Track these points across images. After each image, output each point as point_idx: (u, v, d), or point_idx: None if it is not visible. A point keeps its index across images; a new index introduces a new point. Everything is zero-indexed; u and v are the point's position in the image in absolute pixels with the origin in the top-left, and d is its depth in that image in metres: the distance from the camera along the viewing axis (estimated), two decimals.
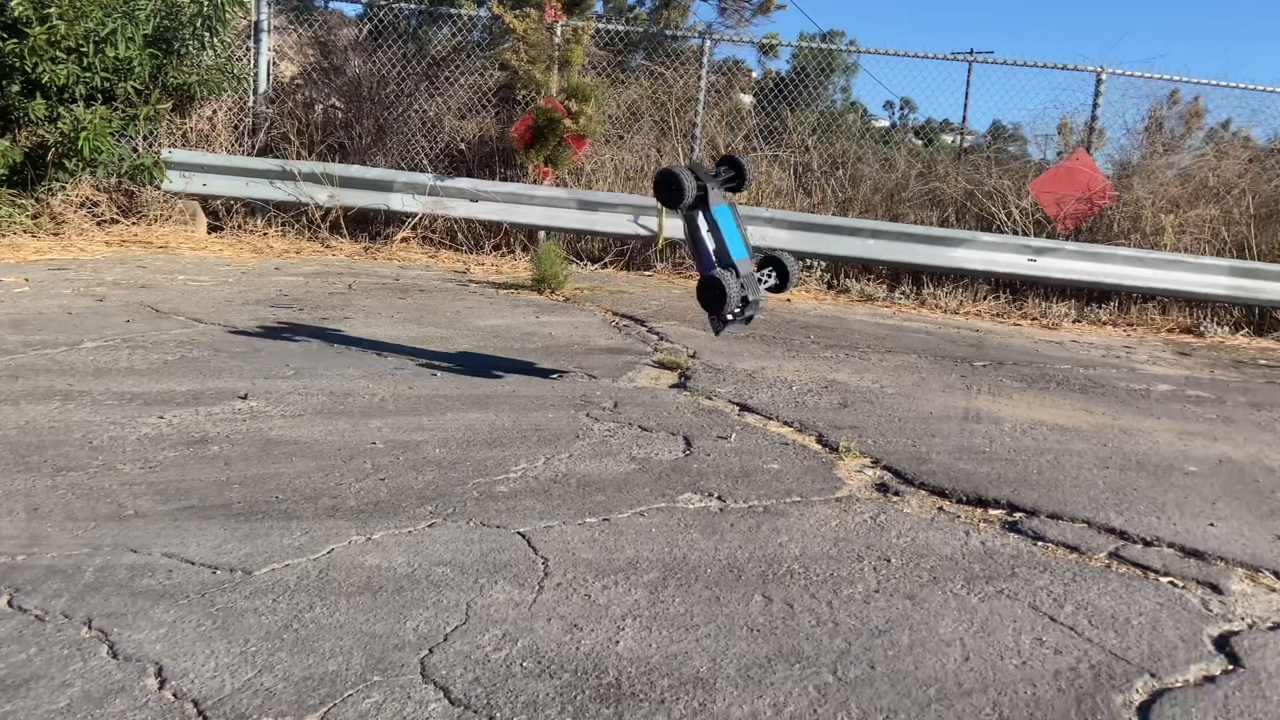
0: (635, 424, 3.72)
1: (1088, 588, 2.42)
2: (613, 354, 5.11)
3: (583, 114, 8.94)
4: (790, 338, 6.26)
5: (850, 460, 3.45)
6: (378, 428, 3.43)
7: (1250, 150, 10.06)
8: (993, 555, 2.61)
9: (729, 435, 3.65)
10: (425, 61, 9.98)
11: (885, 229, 9.47)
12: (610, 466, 3.16)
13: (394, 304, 6.16)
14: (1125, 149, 10.23)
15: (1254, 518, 3.10)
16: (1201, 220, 9.38)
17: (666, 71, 10.47)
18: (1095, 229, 9.59)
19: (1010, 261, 9.15)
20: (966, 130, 14.14)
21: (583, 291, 7.43)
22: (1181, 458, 3.86)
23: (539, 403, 3.95)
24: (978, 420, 4.26)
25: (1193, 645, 2.12)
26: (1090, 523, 2.93)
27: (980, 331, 7.67)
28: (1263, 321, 9.02)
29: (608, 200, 9.27)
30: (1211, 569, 2.61)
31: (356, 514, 2.60)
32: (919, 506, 3.02)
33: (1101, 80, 9.65)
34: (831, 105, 16.99)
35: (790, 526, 2.72)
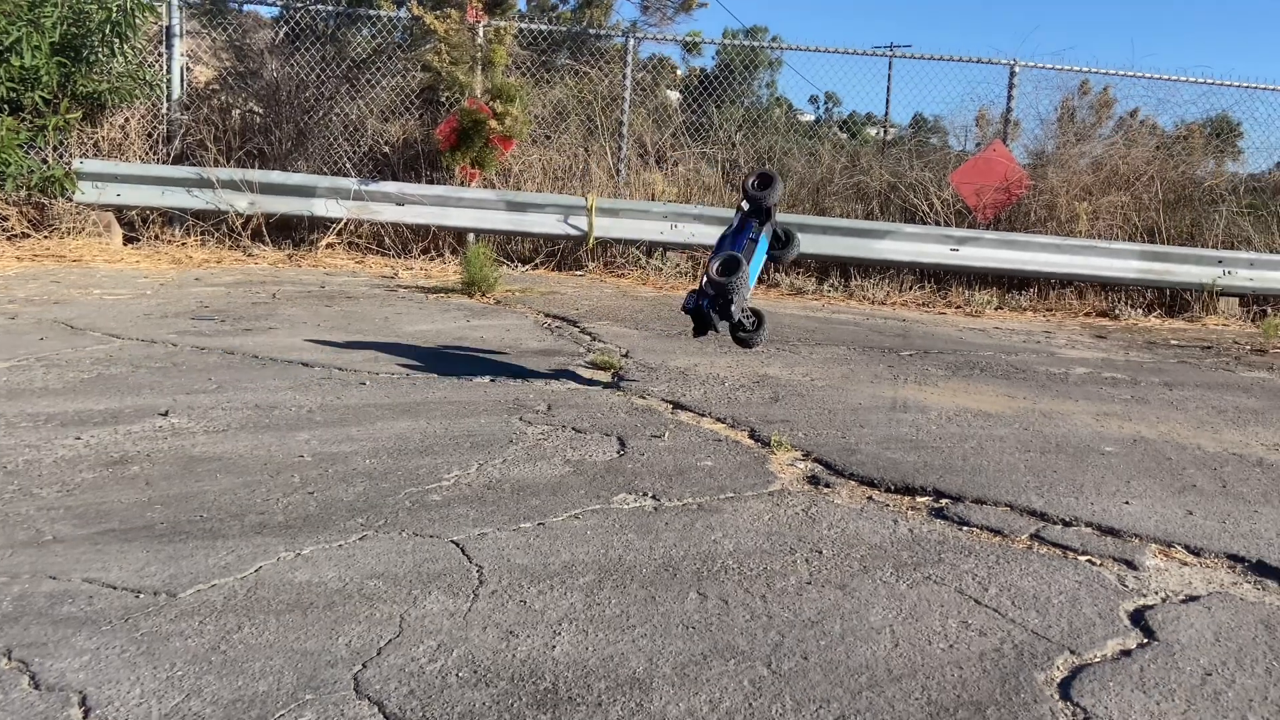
0: (569, 426, 3.72)
1: (1010, 569, 2.49)
2: (545, 355, 5.10)
3: (508, 114, 8.88)
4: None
5: (782, 454, 3.50)
6: (305, 440, 3.38)
7: (1158, 138, 10.44)
8: (920, 542, 2.68)
9: (663, 434, 3.67)
10: (345, 64, 9.83)
11: (812, 223, 9.61)
12: (544, 470, 3.16)
13: (320, 312, 6.05)
14: (1040, 139, 10.55)
15: (1167, 494, 3.23)
16: (1113, 207, 9.71)
17: (592, 70, 10.47)
18: (1014, 218, 9.86)
19: (934, 252, 9.36)
20: (889, 123, 14.45)
21: (514, 293, 7.40)
22: (1098, 439, 3.99)
23: (471, 408, 3.92)
24: (905, 409, 4.35)
25: (1110, 621, 2.20)
26: (1013, 506, 3.02)
27: (907, 321, 7.83)
28: (1174, 303, 9.38)
29: (537, 201, 9.24)
30: (1127, 546, 2.71)
31: (285, 529, 2.56)
32: (849, 497, 3.08)
33: (1015, 73, 9.92)
34: (757, 101, 17.16)
35: (724, 523, 2.75)
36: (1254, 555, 2.66)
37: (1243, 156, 11.14)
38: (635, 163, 10.32)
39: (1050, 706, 1.82)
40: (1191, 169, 10.18)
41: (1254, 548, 2.72)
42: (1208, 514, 3.02)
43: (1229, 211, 9.74)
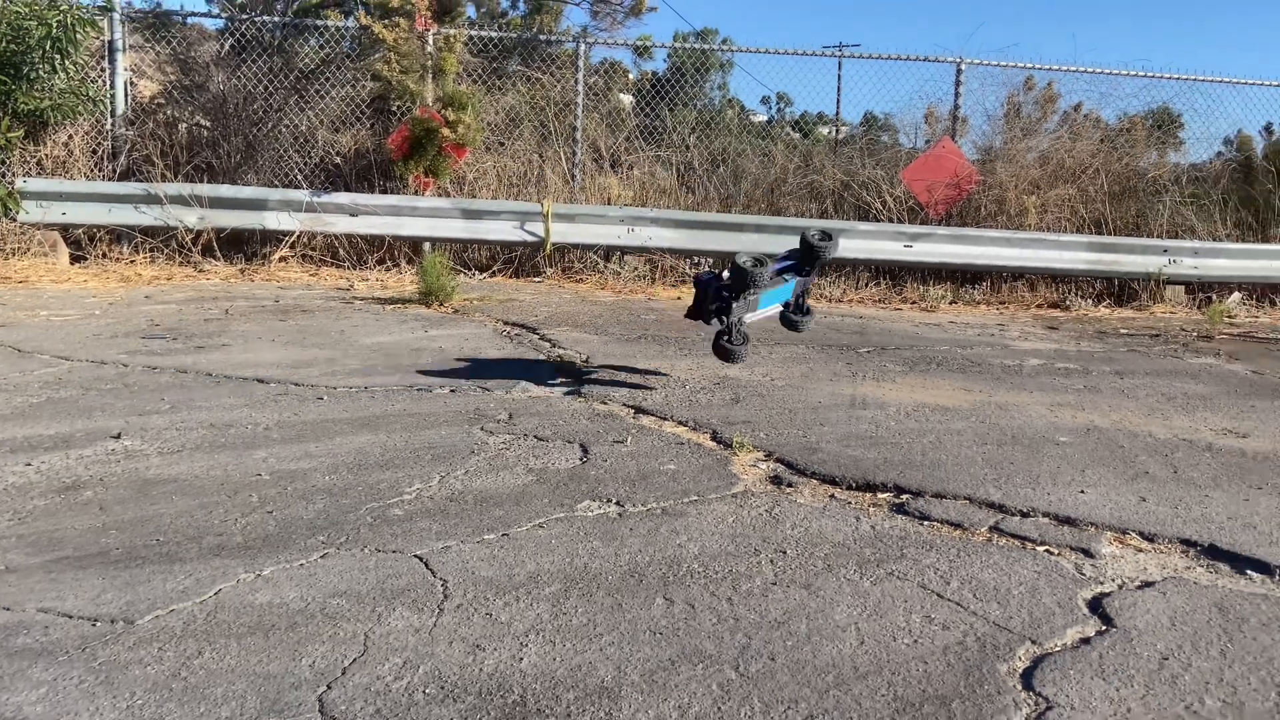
0: (531, 434, 3.71)
1: (971, 562, 2.53)
2: (506, 364, 5.08)
3: (461, 122, 8.84)
4: (683, 336, 6.33)
5: (744, 455, 3.52)
6: (263, 458, 3.33)
7: (1102, 130, 10.66)
8: (882, 538, 2.70)
9: (625, 439, 3.67)
10: (294, 75, 9.71)
11: (767, 223, 9.68)
12: (507, 480, 3.15)
13: (275, 327, 5.97)
14: (987, 135, 10.72)
15: (1120, 482, 3.29)
16: (1061, 200, 9.89)
17: (544, 76, 10.45)
18: (965, 213, 10.01)
19: (888, 248, 9.47)
20: (841, 122, 14.59)
21: (472, 302, 7.36)
22: (1053, 429, 4.06)
23: (431, 420, 3.89)
24: (864, 406, 4.40)
25: (1069, 610, 2.24)
26: (972, 499, 3.06)
27: (864, 318, 7.91)
28: (1122, 292, 9.57)
29: (492, 208, 9.21)
30: (1083, 534, 2.77)
31: (244, 551, 2.52)
32: (811, 496, 3.10)
33: (961, 70, 10.07)
34: (710, 103, 17.24)
35: (689, 526, 2.75)
36: (1206, 539, 2.72)
37: (1184, 147, 11.41)
38: (590, 167, 10.32)
39: (1014, 697, 1.84)
40: (1135, 161, 10.41)
41: (1206, 532, 2.78)
42: (1160, 500, 3.08)
43: (1172, 201, 9.97)
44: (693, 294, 4.78)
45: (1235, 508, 3.02)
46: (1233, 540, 2.72)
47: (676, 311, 7.62)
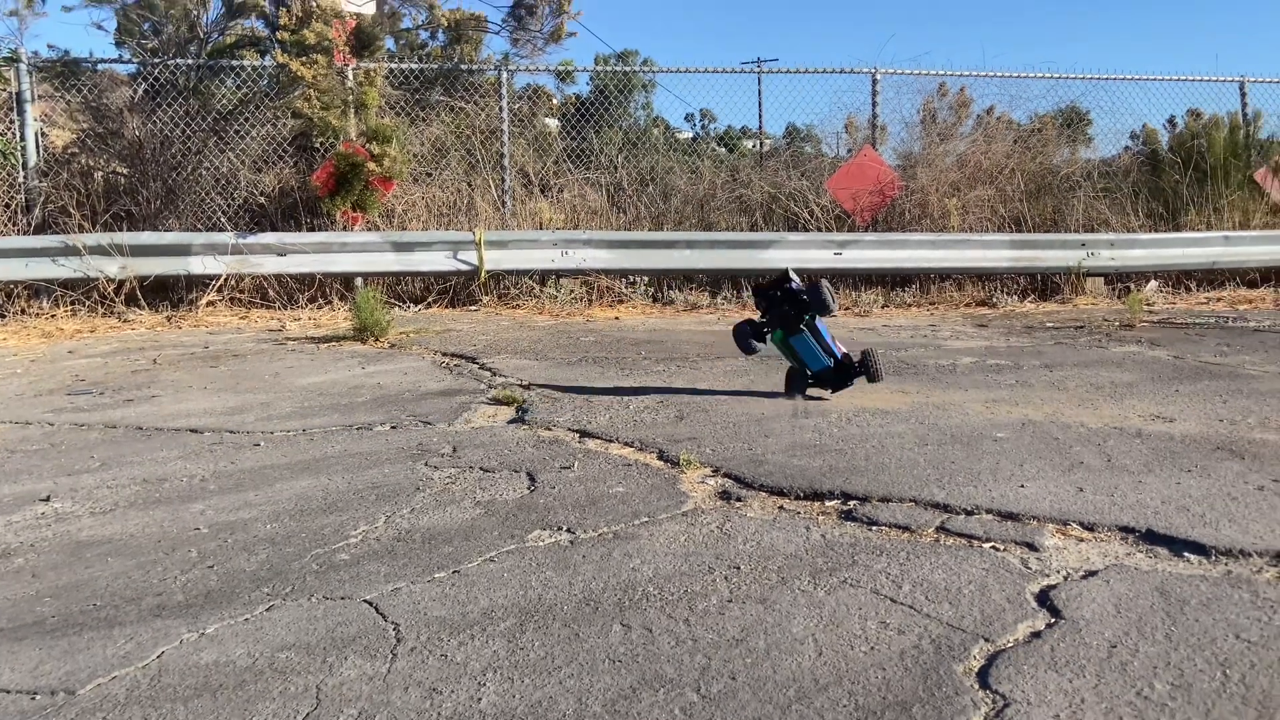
0: (476, 466, 3.67)
1: (921, 564, 2.56)
2: (446, 396, 5.03)
3: (386, 155, 8.77)
4: (623, 356, 6.34)
5: (692, 472, 3.53)
6: (200, 511, 3.24)
7: (1015, 132, 10.99)
8: (833, 547, 2.73)
9: (572, 465, 3.65)
10: (211, 116, 9.54)
11: (700, 239, 9.77)
12: (455, 515, 3.11)
13: (206, 374, 5.83)
14: (906, 141, 10.98)
15: (1058, 473, 3.37)
16: (981, 200, 10.16)
17: (467, 105, 10.42)
18: (890, 218, 10.22)
19: (818, 257, 9.62)
20: (765, 135, 14.81)
21: (408, 335, 7.27)
22: (990, 425, 4.15)
23: (374, 458, 3.83)
24: (806, 415, 4.44)
25: (1018, 605, 2.29)
26: (917, 500, 3.11)
27: None
28: (1045, 287, 9.86)
29: (424, 239, 9.14)
30: (1027, 528, 2.82)
31: (186, 609, 2.44)
32: (761, 509, 3.12)
33: (877, 80, 10.31)
34: (636, 123, 17.36)
35: (641, 549, 2.75)
36: (1143, 525, 2.80)
37: (1094, 143, 11.83)
38: (520, 193, 10.31)
39: (971, 697, 1.87)
40: (1048, 159, 10.75)
41: (1142, 517, 2.86)
42: (1097, 489, 3.16)
43: (1086, 196, 10.31)
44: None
45: (1168, 491, 3.12)
46: (1168, 524, 2.80)
47: (615, 332, 7.64)
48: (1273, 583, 2.39)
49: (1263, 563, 2.52)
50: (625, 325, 8.18)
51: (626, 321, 8.47)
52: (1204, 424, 4.12)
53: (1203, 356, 6.03)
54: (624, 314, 8.99)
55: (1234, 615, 2.19)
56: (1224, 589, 2.35)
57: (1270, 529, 2.74)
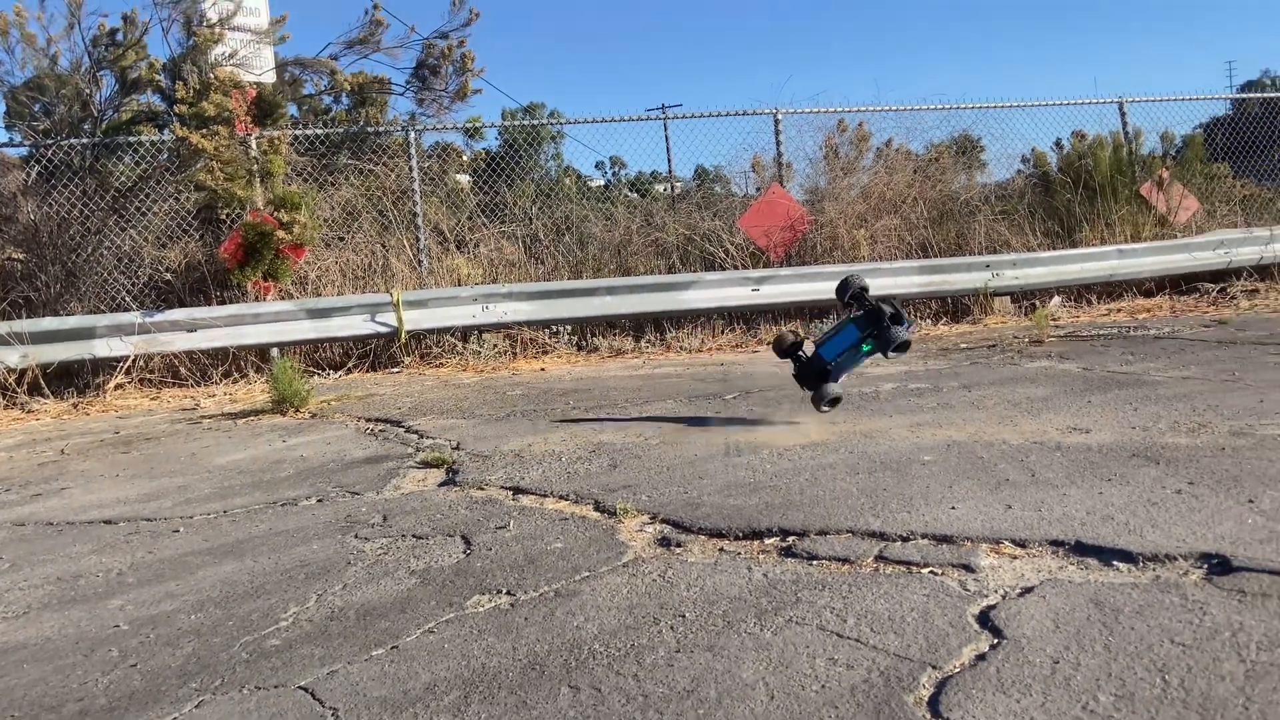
0: (409, 534, 3.58)
1: (864, 596, 2.57)
2: (373, 464, 4.91)
3: (295, 222, 8.64)
4: (551, 407, 6.30)
5: (630, 521, 3.50)
6: (120, 606, 3.08)
7: (914, 162, 11.38)
8: (776, 585, 2.72)
9: (507, 524, 3.59)
10: (110, 195, 9.29)
11: (619, 284, 9.82)
12: (389, 587, 3.02)
13: (117, 461, 5.60)
14: (812, 177, 11.28)
15: (986, 492, 3.44)
16: (888, 229, 10.46)
17: (376, 167, 10.36)
18: (803, 252, 10.44)
19: (737, 294, 9.76)
20: (676, 179, 15.04)
21: (330, 403, 7.11)
22: (917, 449, 4.23)
23: (301, 535, 3.71)
24: (739, 453, 4.46)
25: (961, 628, 2.31)
26: (854, 531, 3.13)
27: (725, 365, 8.09)
28: (955, 309, 10.15)
29: (340, 304, 8.99)
30: (962, 550, 2.87)
31: (109, 713, 2.31)
32: (701, 553, 3.10)
33: (779, 120, 10.58)
34: (547, 173, 17.45)
35: (584, 605, 2.70)
36: (1072, 537, 2.86)
37: (988, 168, 12.33)
38: (436, 251, 10.25)
39: None
40: (947, 186, 11.15)
41: (1070, 530, 2.93)
42: (1025, 505, 3.24)
43: (986, 219, 10.70)
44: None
45: (1092, 502, 3.21)
46: (1096, 534, 2.87)
47: (542, 384, 7.59)
48: (1199, 584, 2.46)
49: (1188, 565, 2.60)
50: (551, 376, 8.14)
51: (552, 372, 8.44)
52: (1118, 432, 4.26)
53: (1110, 366, 6.26)
54: (549, 365, 8.95)
55: (1167, 620, 2.24)
56: (1154, 595, 2.41)
57: (1192, 531, 2.83)
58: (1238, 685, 1.91)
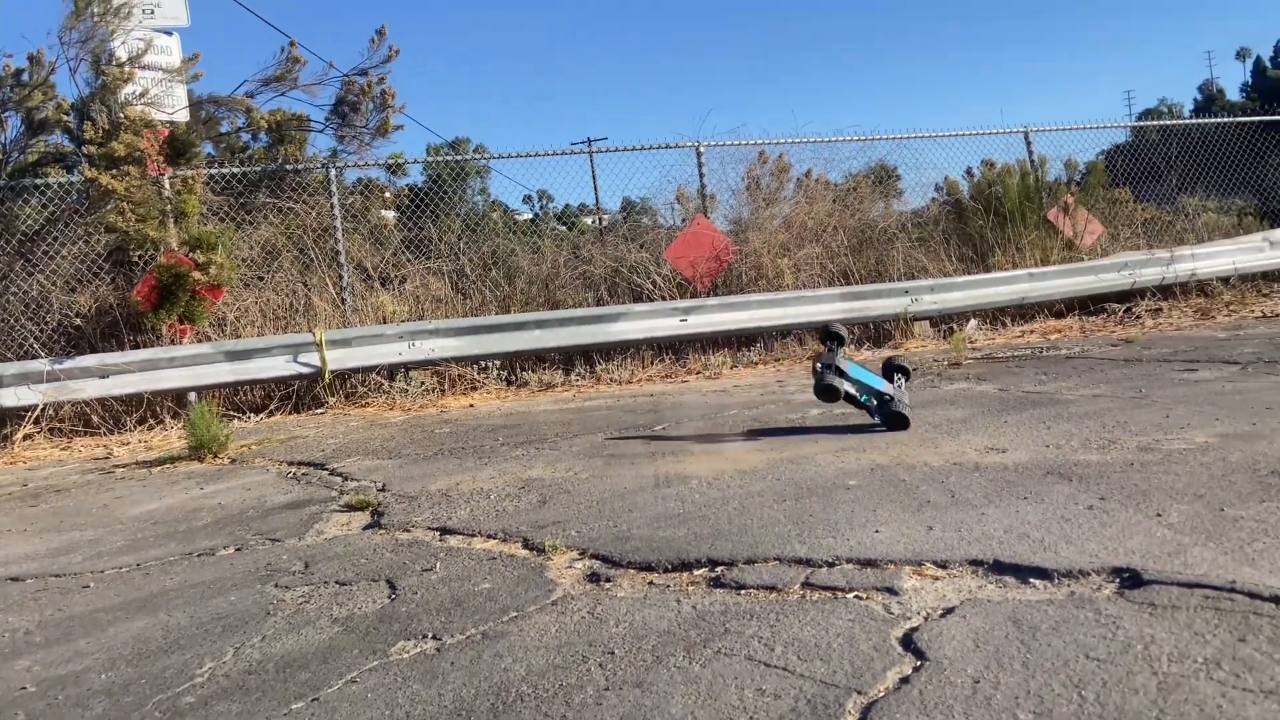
0: (331, 581, 3.49)
1: (790, 623, 2.59)
2: (295, 509, 4.79)
3: (212, 263, 8.44)
4: (480, 444, 6.23)
5: (559, 558, 3.47)
6: (26, 668, 2.94)
7: (833, 191, 11.65)
8: (704, 617, 2.73)
9: (434, 566, 3.53)
10: (16, 239, 8.96)
11: (548, 318, 9.80)
12: (311, 637, 2.93)
13: (24, 515, 5.36)
14: (735, 207, 11.46)
15: (908, 514, 3.50)
16: (810, 258, 10.67)
17: (296, 205, 10.20)
18: (729, 282, 10.57)
19: (665, 325, 9.82)
20: (602, 211, 15.13)
21: (250, 448, 6.93)
22: (842, 474, 4.29)
23: (218, 586, 3.59)
24: (668, 484, 4.47)
25: (885, 652, 2.34)
26: (781, 558, 3.15)
27: (654, 396, 8.11)
28: (877, 334, 10.37)
29: (260, 345, 8.79)
30: (885, 573, 2.91)
31: None
32: (631, 587, 3.09)
33: (700, 153, 10.74)
34: (474, 208, 17.38)
35: (512, 646, 2.66)
36: (990, 556, 2.93)
37: (904, 196, 12.68)
38: (360, 288, 10.12)
39: None
40: (866, 214, 11.44)
41: (988, 549, 3.00)
42: (945, 526, 3.30)
43: (904, 246, 10.99)
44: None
45: (1009, 520, 3.29)
46: (1013, 552, 2.94)
47: (471, 420, 7.52)
48: (1112, 599, 2.53)
49: (1100, 580, 2.67)
50: (480, 412, 8.07)
51: (482, 408, 8.36)
52: (1033, 451, 4.38)
53: (1025, 387, 6.45)
54: (479, 401, 8.87)
55: (1081, 635, 2.30)
56: (1070, 610, 2.47)
57: (1103, 546, 2.92)
58: (1150, 698, 1.97)
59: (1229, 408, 4.98)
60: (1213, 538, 2.90)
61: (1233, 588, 2.49)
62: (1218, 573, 2.60)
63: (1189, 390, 5.69)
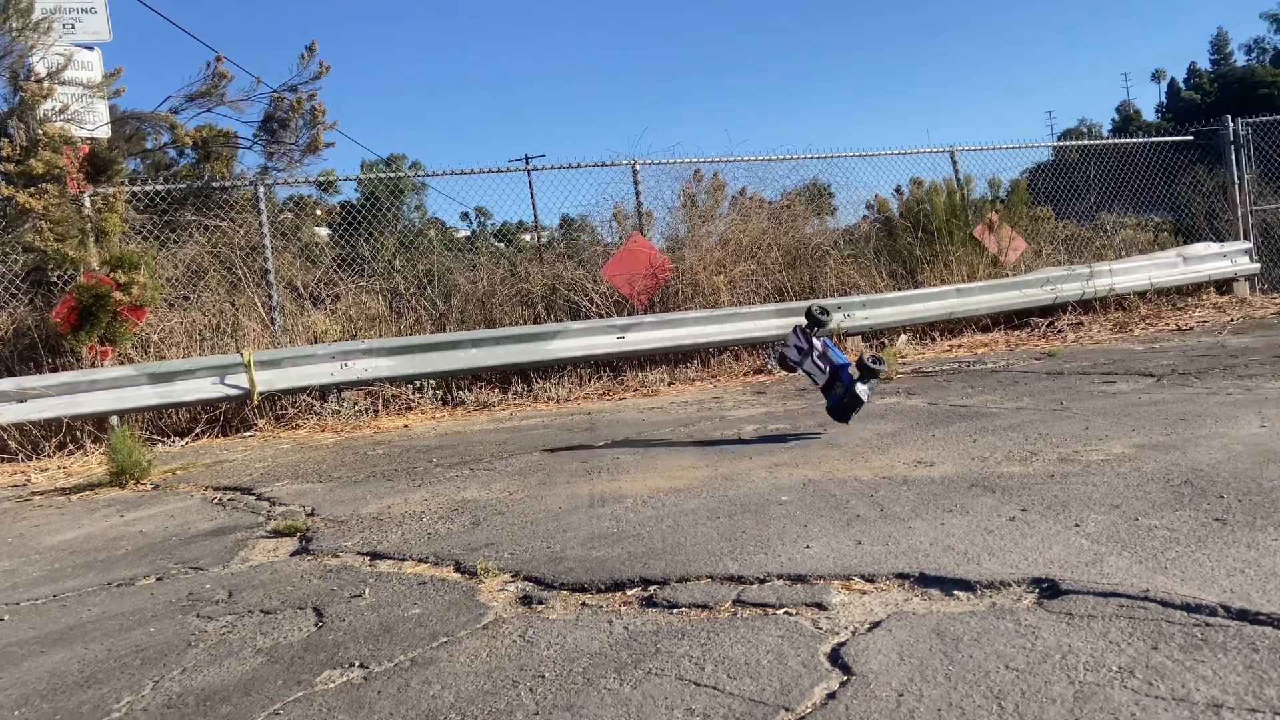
0: (256, 609, 3.41)
1: (721, 641, 2.60)
2: (219, 536, 4.67)
3: (135, 283, 8.22)
4: (413, 465, 6.15)
5: (491, 581, 3.44)
6: None
7: (767, 209, 11.80)
8: (636, 638, 2.72)
9: (363, 592, 3.47)
10: None
11: (484, 336, 9.74)
12: (233, 668, 2.86)
13: None
14: (672, 225, 11.54)
15: (838, 529, 3.55)
16: (746, 275, 10.78)
17: (223, 223, 9.99)
18: (666, 299, 10.62)
19: (603, 342, 9.83)
20: (541, 228, 15.11)
21: (174, 473, 6.74)
22: (775, 490, 4.33)
23: (137, 618, 3.48)
24: (603, 503, 4.46)
25: (813, 668, 2.36)
26: (713, 576, 3.17)
27: (591, 414, 8.10)
28: None
29: (186, 367, 8.57)
30: (814, 589, 2.94)
31: None
32: (563, 609, 3.07)
33: (637, 171, 10.80)
34: (410, 225, 17.21)
35: (441, 673, 2.63)
36: (916, 569, 2.98)
37: (837, 214, 12.91)
38: (290, 308, 9.93)
39: None
40: (799, 231, 11.60)
41: (915, 562, 3.05)
42: (874, 540, 3.35)
43: (836, 263, 11.17)
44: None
45: (935, 533, 3.35)
46: (938, 565, 3.00)
47: (405, 441, 7.42)
48: (1031, 609, 2.60)
49: (1021, 590, 2.74)
50: (415, 433, 7.97)
51: (416, 429, 8.25)
52: (959, 464, 4.48)
53: (952, 400, 6.59)
54: (413, 421, 8.76)
55: (1002, 646, 2.35)
56: (991, 621, 2.53)
57: (1024, 557, 2.99)
58: (1067, 708, 2.02)
59: (1144, 419, 5.15)
60: (1128, 547, 2.99)
61: (1146, 596, 2.57)
62: (1132, 581, 2.68)
63: (1107, 402, 5.87)
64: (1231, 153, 13.41)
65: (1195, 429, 4.76)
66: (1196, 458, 4.13)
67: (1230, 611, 2.41)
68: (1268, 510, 3.26)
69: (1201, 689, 2.02)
